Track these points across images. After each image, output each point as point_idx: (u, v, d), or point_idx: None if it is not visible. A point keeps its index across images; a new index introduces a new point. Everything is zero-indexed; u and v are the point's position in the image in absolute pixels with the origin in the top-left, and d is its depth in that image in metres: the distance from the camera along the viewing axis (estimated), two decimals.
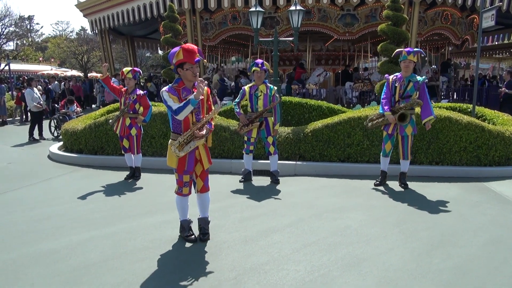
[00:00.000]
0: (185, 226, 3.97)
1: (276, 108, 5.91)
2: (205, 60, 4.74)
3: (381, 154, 5.82)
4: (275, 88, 6.02)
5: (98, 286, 3.09)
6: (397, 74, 5.61)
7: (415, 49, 5.56)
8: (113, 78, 17.45)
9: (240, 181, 6.13)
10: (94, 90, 19.96)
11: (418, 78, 5.44)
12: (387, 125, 5.57)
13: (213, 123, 3.82)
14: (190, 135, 3.62)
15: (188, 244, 3.85)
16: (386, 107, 5.46)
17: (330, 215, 4.59)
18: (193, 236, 3.93)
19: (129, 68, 6.34)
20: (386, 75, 5.83)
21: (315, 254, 3.59)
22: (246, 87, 6.01)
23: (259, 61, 5.93)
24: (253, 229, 4.19)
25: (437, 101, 12.12)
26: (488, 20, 7.45)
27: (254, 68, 5.90)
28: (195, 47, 3.62)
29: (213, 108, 3.83)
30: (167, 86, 3.70)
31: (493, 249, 3.69)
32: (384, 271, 3.27)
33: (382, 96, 5.62)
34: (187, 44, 3.66)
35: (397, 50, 5.70)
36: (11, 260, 3.54)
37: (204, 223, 3.99)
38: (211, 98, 3.85)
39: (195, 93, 3.47)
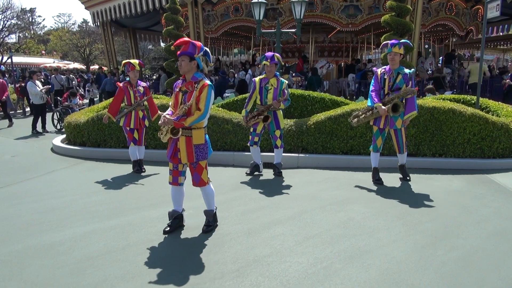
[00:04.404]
0: (169, 215, 4.02)
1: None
2: (210, 64, 4.54)
3: (371, 150, 5.59)
4: (286, 82, 5.84)
5: (102, 278, 3.11)
6: (385, 67, 5.43)
7: (401, 41, 5.32)
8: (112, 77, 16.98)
9: (246, 174, 6.10)
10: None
11: (406, 70, 5.29)
12: (378, 119, 5.36)
13: (187, 120, 3.59)
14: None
15: (191, 236, 3.86)
16: (376, 99, 5.24)
17: (333, 208, 4.59)
18: (167, 228, 3.94)
19: (137, 61, 6.33)
20: (374, 68, 5.63)
21: (318, 246, 3.59)
22: (257, 79, 5.86)
23: (269, 54, 5.74)
24: (256, 222, 4.20)
25: (443, 92, 12.04)
26: (493, 10, 7.36)
27: (264, 62, 5.74)
28: (183, 39, 3.64)
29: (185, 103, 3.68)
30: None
31: (497, 241, 3.69)
32: (387, 263, 3.28)
33: (370, 89, 5.39)
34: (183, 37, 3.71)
35: (384, 42, 5.47)
36: (16, 252, 3.56)
37: (207, 214, 4.03)
38: (204, 93, 3.63)
39: (166, 118, 3.62)
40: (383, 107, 5.17)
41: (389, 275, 3.10)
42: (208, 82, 3.68)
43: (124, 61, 6.37)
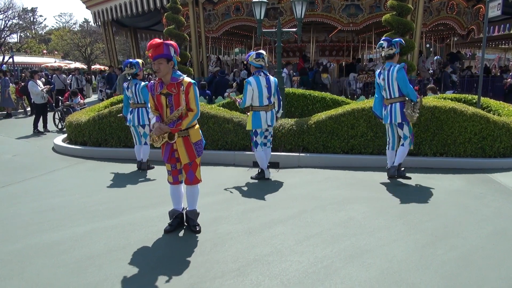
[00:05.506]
0: (169, 214, 4.03)
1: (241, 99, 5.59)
2: (178, 57, 4.42)
3: (411, 147, 5.48)
4: (245, 81, 5.48)
5: (102, 277, 3.11)
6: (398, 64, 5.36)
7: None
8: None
9: (251, 178, 5.91)
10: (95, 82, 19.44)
11: None
12: None
13: (183, 124, 3.64)
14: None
15: (191, 236, 3.86)
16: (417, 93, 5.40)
17: (333, 207, 4.59)
18: (168, 228, 3.94)
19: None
20: (403, 63, 5.50)
21: (318, 246, 3.59)
22: None
23: (248, 53, 5.70)
24: (256, 221, 4.20)
25: (445, 91, 12.02)
26: (494, 9, 7.35)
27: None
28: (156, 41, 3.57)
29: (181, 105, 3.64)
30: (153, 80, 3.77)
31: (497, 241, 3.68)
32: (387, 262, 3.27)
33: (411, 85, 5.30)
34: (154, 39, 3.68)
35: (399, 38, 5.52)
36: (16, 251, 3.57)
37: (192, 215, 3.99)
38: (191, 93, 3.64)
39: (155, 125, 3.62)
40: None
41: (390, 274, 3.10)
42: (190, 80, 3.67)
43: (141, 60, 6.40)
